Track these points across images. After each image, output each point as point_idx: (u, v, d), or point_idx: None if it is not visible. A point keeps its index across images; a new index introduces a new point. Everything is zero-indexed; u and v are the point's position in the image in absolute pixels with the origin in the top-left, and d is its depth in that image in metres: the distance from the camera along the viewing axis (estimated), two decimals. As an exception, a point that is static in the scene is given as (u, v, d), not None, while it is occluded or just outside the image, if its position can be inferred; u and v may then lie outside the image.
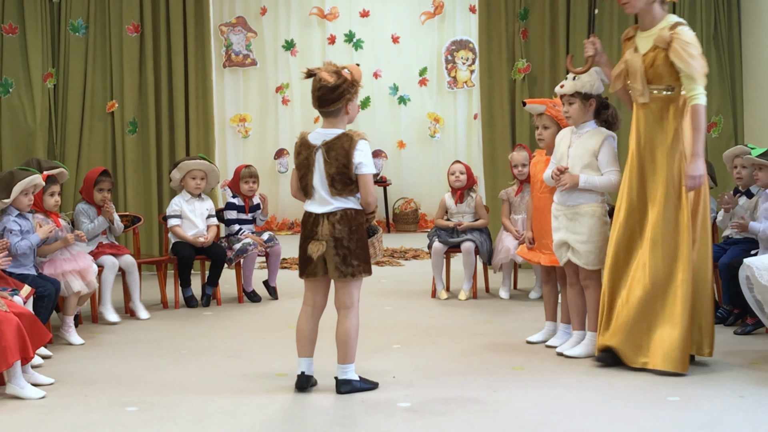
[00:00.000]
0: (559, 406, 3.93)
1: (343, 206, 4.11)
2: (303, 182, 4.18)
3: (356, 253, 4.11)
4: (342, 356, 4.15)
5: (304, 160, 4.16)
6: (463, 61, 11.23)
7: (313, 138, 4.17)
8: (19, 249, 4.98)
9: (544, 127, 5.06)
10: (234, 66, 11.02)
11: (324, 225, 4.10)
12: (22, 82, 7.68)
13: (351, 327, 4.14)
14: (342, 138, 4.09)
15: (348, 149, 4.06)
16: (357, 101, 4.19)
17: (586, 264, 4.74)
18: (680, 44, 4.37)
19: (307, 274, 4.19)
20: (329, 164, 4.08)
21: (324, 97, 4.09)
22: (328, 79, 4.05)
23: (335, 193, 4.09)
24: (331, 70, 4.09)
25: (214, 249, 6.45)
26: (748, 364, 4.60)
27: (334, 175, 4.08)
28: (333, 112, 4.13)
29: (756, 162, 5.25)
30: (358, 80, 4.13)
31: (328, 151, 4.09)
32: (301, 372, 4.20)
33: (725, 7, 7.73)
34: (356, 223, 4.12)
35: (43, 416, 3.92)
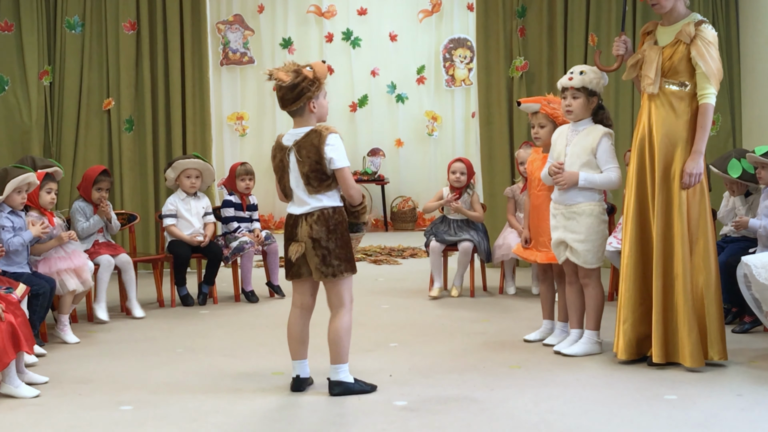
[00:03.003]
0: (556, 405, 3.91)
1: (320, 205, 4.06)
2: (281, 184, 4.17)
3: (336, 252, 4.05)
4: (334, 356, 4.11)
5: (279, 163, 4.15)
6: (461, 59, 11.21)
7: (285, 140, 4.14)
8: (11, 245, 4.96)
9: (540, 126, 5.04)
10: (231, 64, 10.99)
11: (302, 226, 4.07)
12: (18, 79, 7.65)
13: (341, 327, 4.09)
14: (311, 135, 4.05)
15: (318, 145, 4.01)
16: (323, 99, 4.13)
17: (585, 263, 4.72)
18: (703, 42, 4.40)
19: (292, 276, 4.17)
20: (302, 163, 4.04)
21: (284, 97, 4.07)
22: (283, 78, 4.02)
23: (313, 191, 4.06)
24: (290, 69, 4.06)
25: (211, 247, 6.43)
26: (746, 362, 4.59)
27: (308, 173, 4.04)
28: (297, 111, 4.09)
29: (759, 161, 5.24)
30: (320, 77, 4.06)
31: (299, 150, 4.05)
32: (296, 375, 4.18)
33: (723, 6, 7.72)
34: (334, 221, 4.06)
35: (38, 415, 3.90)
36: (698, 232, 4.45)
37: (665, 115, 4.49)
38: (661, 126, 4.48)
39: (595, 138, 4.69)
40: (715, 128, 7.72)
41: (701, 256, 4.45)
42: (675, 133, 4.46)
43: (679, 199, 4.42)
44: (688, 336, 4.39)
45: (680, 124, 4.46)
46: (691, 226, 4.44)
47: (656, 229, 4.46)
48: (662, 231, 4.46)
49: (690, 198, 4.43)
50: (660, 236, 4.46)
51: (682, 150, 4.44)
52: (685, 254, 4.41)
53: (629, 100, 7.66)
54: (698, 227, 4.45)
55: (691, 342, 4.39)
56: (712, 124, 7.66)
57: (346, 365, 4.12)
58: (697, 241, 4.44)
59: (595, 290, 4.76)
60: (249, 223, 6.72)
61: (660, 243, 4.46)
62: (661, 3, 4.52)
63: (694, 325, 4.40)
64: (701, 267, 4.45)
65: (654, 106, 4.52)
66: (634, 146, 4.59)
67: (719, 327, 4.47)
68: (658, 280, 4.46)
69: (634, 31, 7.50)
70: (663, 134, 4.48)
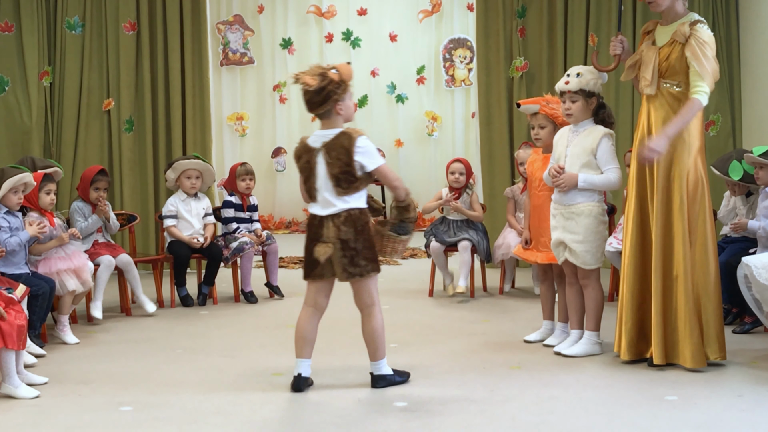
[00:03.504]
0: (556, 406, 3.91)
1: (348, 207, 4.10)
2: (307, 185, 4.17)
3: (363, 253, 4.10)
4: (372, 353, 4.18)
5: (306, 164, 4.16)
6: (460, 60, 11.21)
7: (312, 141, 4.17)
8: (8, 245, 4.95)
9: (541, 127, 5.04)
10: (231, 64, 10.99)
11: (329, 227, 4.09)
12: (18, 80, 7.65)
13: (376, 324, 4.16)
14: (340, 137, 4.08)
15: (348, 147, 4.05)
16: (349, 100, 4.15)
17: (584, 264, 4.72)
18: (697, 41, 4.38)
19: (313, 277, 4.18)
20: (332, 165, 4.07)
21: (310, 101, 4.09)
22: (309, 83, 4.04)
23: (342, 192, 4.08)
24: (316, 72, 4.07)
25: (211, 248, 6.42)
26: (747, 362, 4.58)
27: (338, 174, 4.07)
28: (324, 114, 4.13)
29: (757, 161, 5.24)
30: (346, 80, 4.09)
31: (329, 152, 4.08)
32: (298, 374, 4.18)
33: (723, 6, 7.71)
34: (361, 223, 4.11)
35: (37, 416, 3.89)
36: (698, 231, 4.44)
37: (664, 115, 4.48)
38: (661, 127, 4.47)
39: (595, 139, 4.69)
40: (714, 128, 7.72)
41: (701, 256, 4.44)
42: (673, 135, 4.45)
43: (680, 199, 4.41)
44: (689, 337, 4.38)
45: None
46: (691, 225, 4.43)
47: (656, 230, 4.46)
48: (662, 232, 4.45)
49: (690, 198, 4.42)
50: (660, 237, 4.45)
51: (682, 151, 4.43)
52: (686, 255, 4.40)
53: (629, 100, 7.66)
54: (698, 227, 4.44)
55: (692, 343, 4.38)
56: (712, 124, 7.69)
57: (385, 359, 4.19)
58: (696, 241, 4.44)
59: (595, 291, 4.75)
60: (249, 224, 6.72)
61: (660, 244, 4.45)
62: (657, 1, 4.50)
63: (695, 325, 4.40)
64: (700, 267, 4.44)
65: (653, 107, 4.52)
66: (635, 147, 4.59)
67: (718, 327, 4.47)
68: (658, 281, 4.46)
69: (635, 30, 7.51)
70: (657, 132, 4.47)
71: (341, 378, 4.37)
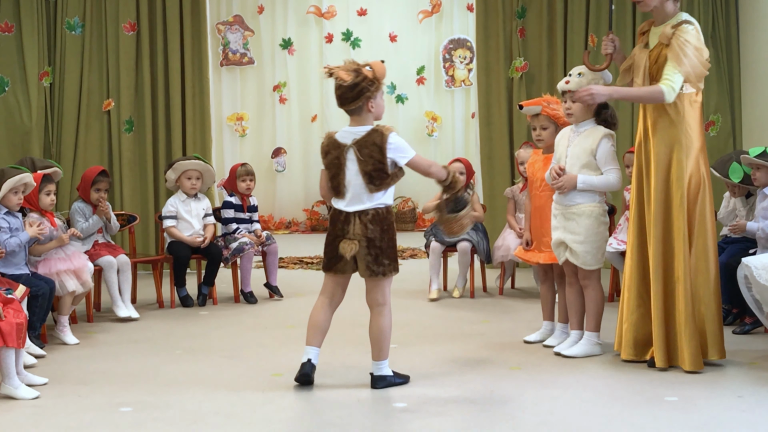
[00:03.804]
0: (556, 406, 3.90)
1: (376, 205, 4.13)
2: (334, 182, 4.19)
3: (387, 252, 4.14)
4: (376, 353, 4.19)
5: (335, 160, 4.17)
6: (460, 60, 11.21)
7: (341, 137, 4.19)
8: (8, 246, 4.95)
9: (542, 128, 5.03)
10: (231, 65, 10.99)
11: (356, 224, 4.11)
12: (18, 80, 7.65)
13: (385, 324, 4.18)
14: (372, 134, 4.12)
15: (381, 145, 4.10)
16: (381, 98, 4.20)
17: (584, 264, 4.71)
18: (678, 41, 4.35)
19: (334, 271, 4.21)
20: (364, 162, 4.10)
21: (343, 96, 4.12)
22: (344, 78, 4.07)
23: (374, 189, 4.12)
24: (350, 68, 4.11)
25: (211, 248, 6.42)
26: (747, 363, 4.58)
27: (371, 171, 4.10)
28: (355, 110, 4.16)
29: (754, 162, 5.23)
30: (380, 78, 4.14)
31: (361, 149, 4.11)
32: (307, 359, 4.19)
33: (723, 6, 7.71)
34: (387, 222, 4.16)
35: (37, 417, 3.89)
36: (698, 233, 4.44)
37: (658, 117, 4.48)
38: (657, 129, 4.47)
39: (595, 139, 4.68)
40: (714, 129, 7.72)
41: (701, 257, 4.44)
42: (670, 136, 4.44)
43: (679, 200, 4.41)
44: (689, 340, 4.37)
45: (675, 127, 4.43)
46: (691, 227, 4.43)
47: (654, 231, 4.45)
48: (661, 235, 4.45)
49: (691, 199, 4.42)
50: (659, 239, 4.45)
51: (679, 153, 4.42)
52: (686, 257, 4.40)
53: (628, 101, 7.65)
54: (698, 228, 4.43)
55: (692, 346, 4.38)
56: (712, 124, 7.69)
57: (387, 361, 4.21)
58: (697, 242, 4.43)
59: (595, 291, 4.75)
60: (249, 224, 6.71)
61: (659, 246, 4.45)
62: (645, 1, 4.48)
63: (694, 329, 4.39)
64: (701, 267, 4.44)
65: (649, 110, 4.52)
66: (636, 150, 4.60)
67: (718, 327, 4.46)
68: (658, 284, 4.45)
69: (634, 29, 7.50)
70: (659, 138, 4.47)
71: (341, 378, 4.37)
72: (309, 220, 11.20)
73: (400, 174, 4.17)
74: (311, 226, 11.16)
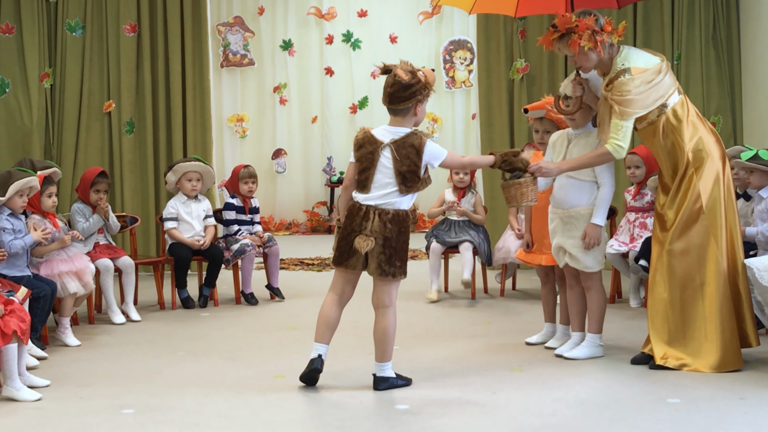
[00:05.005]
0: (558, 408, 3.90)
1: (398, 207, 4.16)
2: (363, 176, 4.20)
3: (400, 254, 4.17)
4: (380, 354, 4.20)
5: (368, 155, 4.19)
6: (461, 61, 11.21)
7: (378, 134, 4.21)
8: (12, 248, 4.95)
9: (546, 131, 5.02)
10: (231, 66, 10.99)
11: (375, 221, 4.13)
12: (19, 82, 7.65)
13: (389, 325, 4.19)
14: (411, 137, 4.15)
15: (418, 148, 4.13)
16: (425, 105, 4.23)
17: (585, 267, 4.71)
18: (614, 101, 4.42)
19: (345, 266, 4.21)
20: (400, 162, 4.13)
21: (396, 94, 4.14)
22: (402, 77, 4.11)
23: (405, 190, 4.15)
24: (407, 69, 4.14)
25: (212, 250, 6.42)
26: (750, 365, 4.57)
27: (406, 173, 4.13)
28: (402, 110, 4.18)
29: (747, 165, 5.23)
30: (431, 84, 4.17)
31: (398, 149, 4.13)
32: (318, 355, 4.20)
33: (724, 7, 7.71)
34: (405, 224, 4.19)
35: (39, 419, 3.89)
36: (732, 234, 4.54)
37: (650, 146, 4.64)
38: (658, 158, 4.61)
39: (594, 141, 4.67)
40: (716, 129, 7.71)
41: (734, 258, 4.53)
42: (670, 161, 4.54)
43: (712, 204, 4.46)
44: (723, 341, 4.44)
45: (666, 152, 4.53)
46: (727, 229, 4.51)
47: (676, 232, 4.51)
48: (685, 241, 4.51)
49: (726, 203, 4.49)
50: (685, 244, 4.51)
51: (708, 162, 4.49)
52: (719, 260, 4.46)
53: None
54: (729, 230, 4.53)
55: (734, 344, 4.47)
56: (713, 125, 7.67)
57: (390, 363, 4.22)
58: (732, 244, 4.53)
59: (598, 294, 4.75)
60: (250, 226, 6.71)
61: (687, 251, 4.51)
62: (583, 66, 4.57)
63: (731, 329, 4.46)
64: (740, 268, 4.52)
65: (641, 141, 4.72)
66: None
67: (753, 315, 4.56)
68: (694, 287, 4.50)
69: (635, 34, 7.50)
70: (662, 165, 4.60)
71: (343, 380, 4.37)
72: (309, 222, 11.19)
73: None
74: (311, 227, 11.16)
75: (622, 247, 6.10)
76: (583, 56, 4.50)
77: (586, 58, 4.51)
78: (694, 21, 7.61)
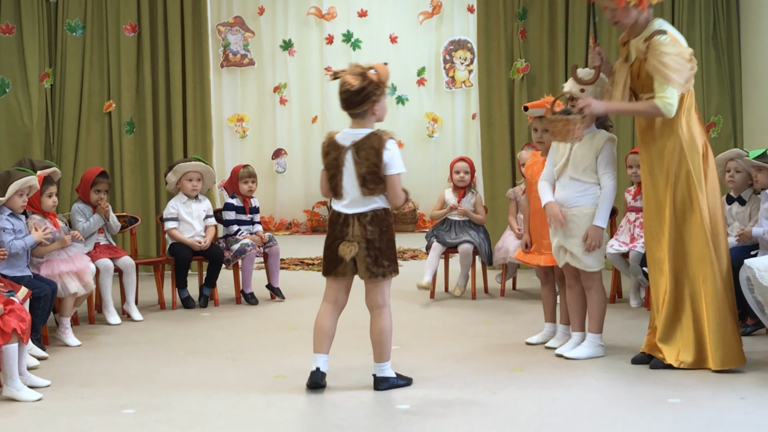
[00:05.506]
0: (559, 408, 3.91)
1: (374, 207, 4.13)
2: (332, 183, 4.19)
3: (386, 253, 4.15)
4: (378, 355, 4.20)
5: (333, 161, 4.17)
6: (461, 61, 11.21)
7: (341, 138, 4.18)
8: (12, 248, 4.95)
9: (545, 130, 5.02)
10: (232, 66, 10.99)
11: (355, 226, 4.12)
12: (19, 82, 7.65)
13: (385, 325, 4.18)
14: (371, 137, 4.12)
15: (378, 148, 4.09)
16: (384, 101, 4.19)
17: (585, 267, 4.71)
18: (654, 55, 4.36)
19: (335, 274, 4.20)
20: (360, 164, 4.10)
21: (349, 100, 4.11)
22: (351, 83, 4.07)
23: (368, 192, 4.11)
24: (356, 72, 4.10)
25: (212, 250, 6.42)
26: (750, 365, 4.57)
27: (365, 174, 4.10)
28: (359, 113, 4.14)
29: (754, 164, 5.23)
30: (384, 80, 4.13)
31: (358, 151, 4.11)
32: (316, 368, 4.19)
33: (724, 8, 7.71)
34: (386, 223, 4.16)
35: (40, 419, 3.89)
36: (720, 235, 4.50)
37: (645, 126, 4.55)
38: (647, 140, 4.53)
39: (600, 142, 4.68)
40: (716, 130, 7.72)
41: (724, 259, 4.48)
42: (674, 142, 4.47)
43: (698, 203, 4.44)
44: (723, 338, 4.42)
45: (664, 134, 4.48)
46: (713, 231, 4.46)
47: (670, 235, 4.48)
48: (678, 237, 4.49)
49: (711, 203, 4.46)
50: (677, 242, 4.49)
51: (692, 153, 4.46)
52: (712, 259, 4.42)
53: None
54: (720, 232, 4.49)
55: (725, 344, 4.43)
56: (713, 126, 7.69)
57: (389, 362, 4.21)
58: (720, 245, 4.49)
59: (598, 293, 4.75)
60: (250, 226, 6.71)
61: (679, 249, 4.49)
62: (621, 21, 4.51)
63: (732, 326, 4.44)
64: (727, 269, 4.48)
65: (638, 120, 4.57)
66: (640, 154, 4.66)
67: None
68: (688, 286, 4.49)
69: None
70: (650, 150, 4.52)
71: (344, 380, 4.37)
72: (309, 221, 11.20)
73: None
74: (312, 227, 11.16)
75: (622, 247, 6.10)
76: (624, 12, 4.43)
77: (627, 14, 4.44)
78: (694, 21, 7.61)
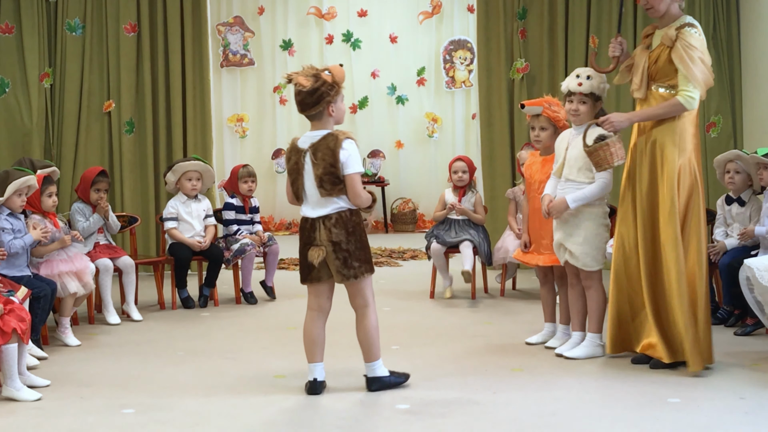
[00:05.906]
0: (559, 408, 3.90)
1: (338, 208, 4.09)
2: (294, 187, 4.17)
3: (356, 254, 4.09)
4: (367, 354, 4.18)
5: (294, 165, 4.16)
6: (461, 61, 11.21)
7: (301, 142, 4.17)
8: (11, 248, 4.94)
9: (542, 129, 5.02)
10: (231, 66, 10.99)
11: (321, 230, 4.09)
12: (19, 81, 7.65)
13: (370, 325, 4.16)
14: (327, 138, 4.08)
15: (333, 148, 4.04)
16: (341, 102, 4.15)
17: (585, 266, 4.71)
18: (683, 45, 4.35)
19: (310, 280, 4.17)
20: (316, 165, 4.06)
21: (303, 101, 4.09)
22: (303, 84, 4.03)
23: (325, 193, 4.07)
24: (309, 73, 4.07)
25: (212, 250, 6.41)
26: (749, 365, 4.58)
27: (322, 175, 4.06)
28: (315, 115, 4.12)
29: (761, 161, 5.24)
30: (339, 82, 4.09)
31: (315, 153, 4.07)
32: (313, 379, 4.17)
33: (724, 8, 7.71)
34: (352, 224, 4.10)
35: (39, 419, 3.89)
36: (691, 236, 4.43)
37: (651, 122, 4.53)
38: (651, 130, 4.49)
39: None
40: (715, 130, 7.72)
41: (696, 261, 4.43)
42: (663, 136, 4.45)
43: (670, 202, 4.39)
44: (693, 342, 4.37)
45: (668, 127, 4.45)
46: (684, 229, 4.42)
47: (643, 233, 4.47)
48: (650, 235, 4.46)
49: (683, 201, 4.41)
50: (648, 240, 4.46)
51: (670, 152, 4.42)
52: (679, 260, 4.37)
53: (630, 101, 7.64)
54: (691, 231, 4.43)
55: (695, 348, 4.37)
56: (713, 125, 7.69)
57: (380, 361, 4.19)
58: (690, 246, 4.43)
59: (597, 293, 4.75)
60: (250, 225, 6.71)
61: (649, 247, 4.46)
62: (655, 7, 4.49)
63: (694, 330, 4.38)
64: (697, 272, 4.43)
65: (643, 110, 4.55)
66: (628, 150, 4.60)
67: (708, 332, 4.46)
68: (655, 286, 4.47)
69: (635, 33, 7.51)
70: (653, 139, 4.49)
71: (343, 380, 4.36)
72: (309, 221, 11.18)
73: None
74: (311, 227, 11.14)
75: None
76: None
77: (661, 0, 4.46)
78: (694, 21, 7.60)
